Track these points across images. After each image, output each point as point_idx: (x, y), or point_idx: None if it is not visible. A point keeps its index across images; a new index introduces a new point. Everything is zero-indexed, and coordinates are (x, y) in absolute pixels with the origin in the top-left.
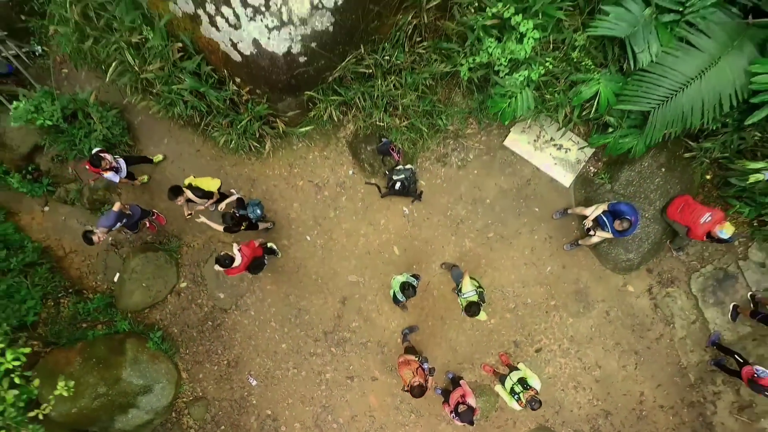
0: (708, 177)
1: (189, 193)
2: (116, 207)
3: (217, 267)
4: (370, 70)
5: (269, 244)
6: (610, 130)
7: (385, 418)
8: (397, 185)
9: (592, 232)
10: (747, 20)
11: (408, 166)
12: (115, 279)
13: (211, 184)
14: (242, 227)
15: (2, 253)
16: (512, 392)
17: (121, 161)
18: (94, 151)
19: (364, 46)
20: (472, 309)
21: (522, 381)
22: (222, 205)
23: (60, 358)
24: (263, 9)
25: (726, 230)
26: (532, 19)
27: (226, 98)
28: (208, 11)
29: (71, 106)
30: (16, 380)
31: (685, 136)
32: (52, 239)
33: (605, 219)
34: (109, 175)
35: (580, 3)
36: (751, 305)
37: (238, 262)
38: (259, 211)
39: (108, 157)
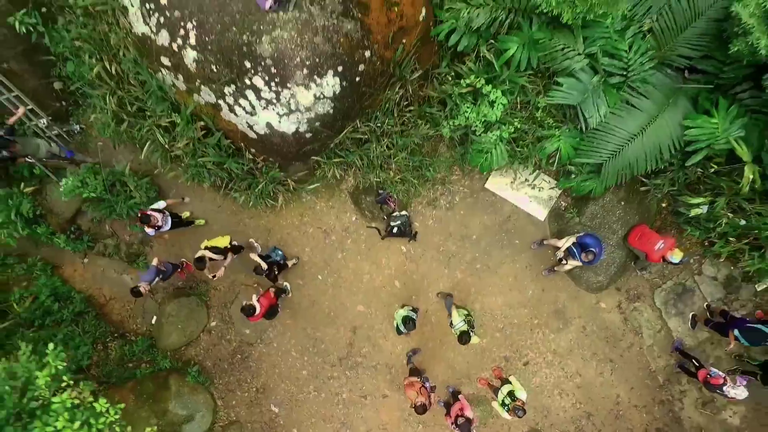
0: (664, 205)
1: (208, 253)
2: (154, 262)
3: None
4: (366, 136)
5: (285, 284)
6: (573, 176)
7: (396, 430)
8: (395, 229)
9: (564, 261)
10: (684, 74)
11: (403, 213)
12: (153, 321)
13: (223, 241)
14: (276, 272)
15: (55, 306)
16: (503, 404)
17: (169, 219)
18: (154, 206)
19: (360, 118)
20: (463, 338)
21: (511, 394)
22: (263, 264)
23: (115, 395)
24: (275, 101)
25: (675, 256)
26: (500, 87)
27: (245, 167)
28: (228, 102)
29: (110, 178)
30: (117, 429)
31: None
32: (93, 288)
33: (575, 250)
34: (149, 231)
35: (541, 69)
36: (707, 314)
37: (258, 311)
38: (280, 252)
39: (157, 216)
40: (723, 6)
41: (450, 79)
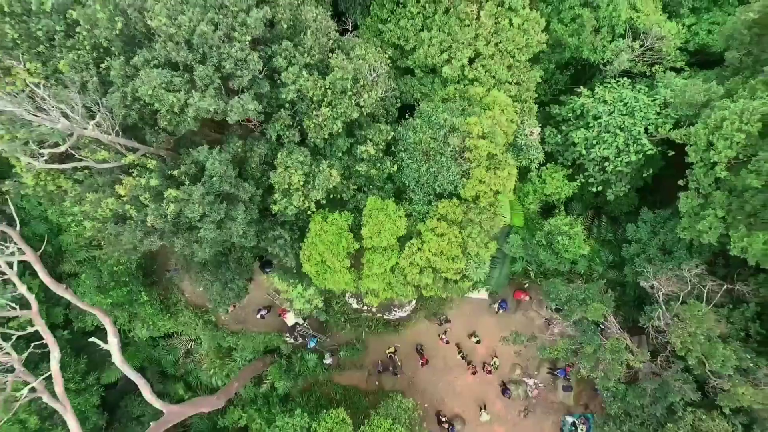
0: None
1: (392, 355)
2: (379, 368)
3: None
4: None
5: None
6: (486, 288)
7: (473, 382)
8: (443, 321)
9: (498, 311)
10: None
11: (444, 315)
12: (376, 383)
13: (391, 349)
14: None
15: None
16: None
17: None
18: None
19: None
20: (478, 341)
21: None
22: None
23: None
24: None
25: (526, 298)
26: None
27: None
28: None
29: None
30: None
31: None
32: (351, 383)
33: (499, 307)
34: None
35: None
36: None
37: (423, 364)
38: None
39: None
40: None
41: None
